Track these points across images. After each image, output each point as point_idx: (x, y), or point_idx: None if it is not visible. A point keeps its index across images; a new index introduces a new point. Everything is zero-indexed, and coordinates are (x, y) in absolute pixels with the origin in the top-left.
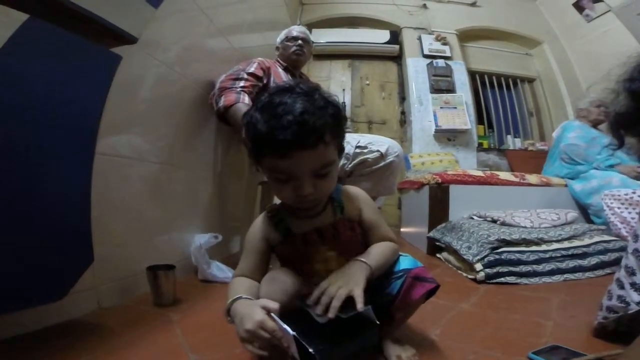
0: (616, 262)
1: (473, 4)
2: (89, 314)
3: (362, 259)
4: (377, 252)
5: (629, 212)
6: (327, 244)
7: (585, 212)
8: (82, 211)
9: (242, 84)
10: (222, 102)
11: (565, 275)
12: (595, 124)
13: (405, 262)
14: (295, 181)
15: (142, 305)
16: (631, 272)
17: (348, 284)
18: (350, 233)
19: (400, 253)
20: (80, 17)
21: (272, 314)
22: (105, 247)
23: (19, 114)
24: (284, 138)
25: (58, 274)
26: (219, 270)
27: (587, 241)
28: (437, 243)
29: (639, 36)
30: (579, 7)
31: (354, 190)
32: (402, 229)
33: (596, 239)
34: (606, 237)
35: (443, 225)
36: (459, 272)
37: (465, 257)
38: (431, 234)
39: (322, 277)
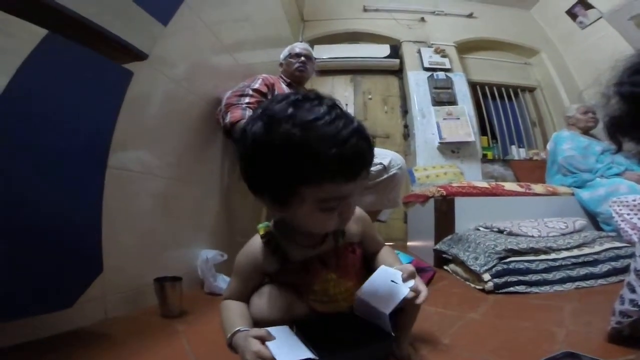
0: (629, 269)
1: (470, 16)
2: (96, 324)
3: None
4: (395, 258)
5: (639, 218)
6: (329, 268)
7: (594, 219)
8: (94, 222)
9: (247, 100)
10: (229, 118)
11: (576, 283)
12: (585, 131)
13: (403, 258)
14: (344, 205)
15: (148, 316)
16: None
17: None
18: (352, 256)
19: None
20: (93, 33)
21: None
22: (114, 258)
23: (37, 126)
24: (356, 158)
25: (67, 282)
26: (225, 283)
27: (597, 248)
28: (444, 255)
29: (632, 40)
30: (571, 14)
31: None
32: (408, 243)
33: (607, 245)
34: (617, 244)
35: (449, 237)
36: (467, 283)
37: (472, 268)
38: (438, 247)
39: (320, 295)
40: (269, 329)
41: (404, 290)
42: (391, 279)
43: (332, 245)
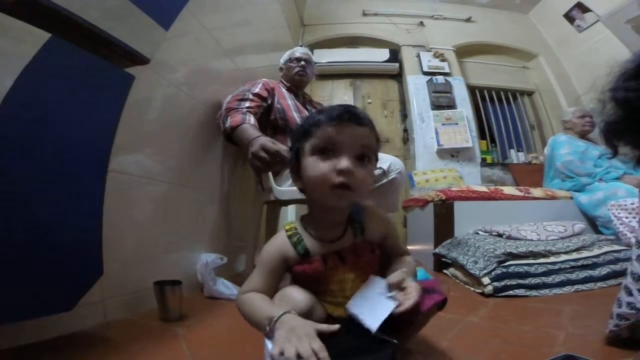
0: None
1: (468, 20)
2: (95, 327)
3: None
4: (406, 267)
5: (638, 221)
6: (347, 266)
7: (593, 223)
8: (94, 225)
9: (247, 104)
10: (229, 122)
11: (576, 286)
12: (582, 135)
13: (418, 274)
14: (336, 158)
15: (148, 320)
16: (638, 278)
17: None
18: (371, 255)
19: None
20: (95, 37)
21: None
22: (114, 262)
23: (38, 129)
24: (339, 112)
25: (67, 285)
26: (225, 287)
27: (596, 252)
28: (444, 259)
29: (629, 44)
30: (569, 18)
31: (376, 210)
32: (408, 247)
33: (605, 249)
34: (616, 247)
35: (449, 241)
36: (467, 286)
37: (472, 271)
38: (437, 250)
39: (337, 296)
40: None
41: (391, 303)
42: (377, 290)
43: (350, 240)
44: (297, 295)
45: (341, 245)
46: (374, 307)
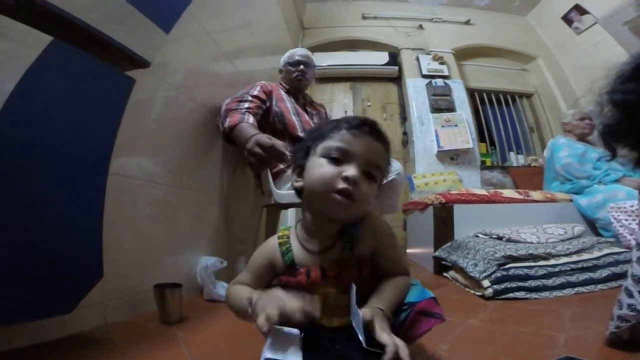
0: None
1: (467, 23)
2: (95, 329)
3: (380, 307)
4: (391, 294)
5: (638, 223)
6: (328, 282)
7: (593, 225)
8: (94, 228)
9: (247, 105)
10: (228, 122)
11: (576, 289)
12: (581, 137)
13: (413, 293)
14: (346, 165)
15: (148, 322)
16: (638, 280)
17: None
18: (357, 274)
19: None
20: (97, 41)
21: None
22: (114, 264)
23: (40, 131)
24: (360, 122)
25: (67, 287)
26: (225, 290)
27: (596, 254)
28: (444, 262)
29: (627, 46)
30: (567, 20)
31: (374, 220)
32: (408, 250)
33: (606, 251)
34: (616, 249)
35: (448, 244)
36: (467, 289)
37: (471, 274)
38: (437, 253)
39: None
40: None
41: (359, 314)
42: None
43: (338, 254)
44: (282, 295)
45: (329, 258)
46: (358, 320)
